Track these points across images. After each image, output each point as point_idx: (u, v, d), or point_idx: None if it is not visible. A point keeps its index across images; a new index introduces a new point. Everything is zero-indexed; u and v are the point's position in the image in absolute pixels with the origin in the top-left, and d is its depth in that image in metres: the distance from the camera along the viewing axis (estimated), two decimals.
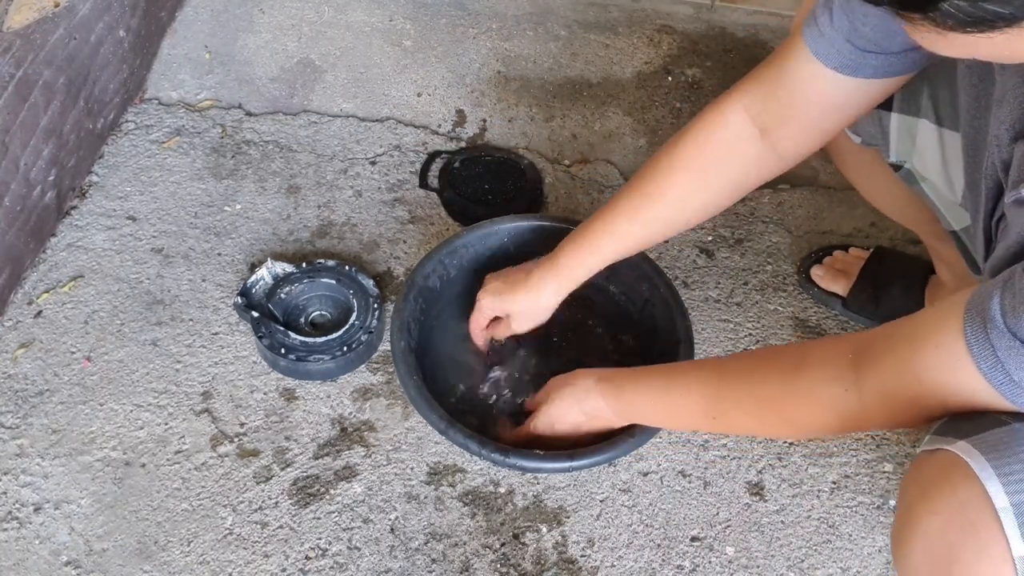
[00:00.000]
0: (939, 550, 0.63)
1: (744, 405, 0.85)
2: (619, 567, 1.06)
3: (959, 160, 0.89)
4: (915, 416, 0.72)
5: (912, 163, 0.97)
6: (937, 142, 0.91)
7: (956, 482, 0.63)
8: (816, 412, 0.78)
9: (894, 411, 0.73)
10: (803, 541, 1.09)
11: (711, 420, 0.89)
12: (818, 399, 0.78)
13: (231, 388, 1.17)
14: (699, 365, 0.94)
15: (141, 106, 1.47)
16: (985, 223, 0.79)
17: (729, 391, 0.87)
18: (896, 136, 0.96)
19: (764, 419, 0.85)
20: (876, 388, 0.73)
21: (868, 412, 0.74)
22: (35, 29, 1.17)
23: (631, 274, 1.18)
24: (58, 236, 1.30)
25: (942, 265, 1.20)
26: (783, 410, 0.82)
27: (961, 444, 0.64)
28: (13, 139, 1.15)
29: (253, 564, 1.03)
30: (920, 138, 0.93)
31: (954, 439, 0.66)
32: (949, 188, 0.93)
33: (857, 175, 1.14)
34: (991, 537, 0.61)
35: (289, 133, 1.46)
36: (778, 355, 0.87)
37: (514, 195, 1.38)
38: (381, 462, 1.12)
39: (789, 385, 0.80)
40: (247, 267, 1.29)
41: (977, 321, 0.63)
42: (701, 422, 0.93)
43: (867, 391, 0.74)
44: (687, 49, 1.61)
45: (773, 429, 0.92)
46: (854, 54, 0.80)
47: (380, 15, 1.61)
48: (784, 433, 0.90)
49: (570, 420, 1.01)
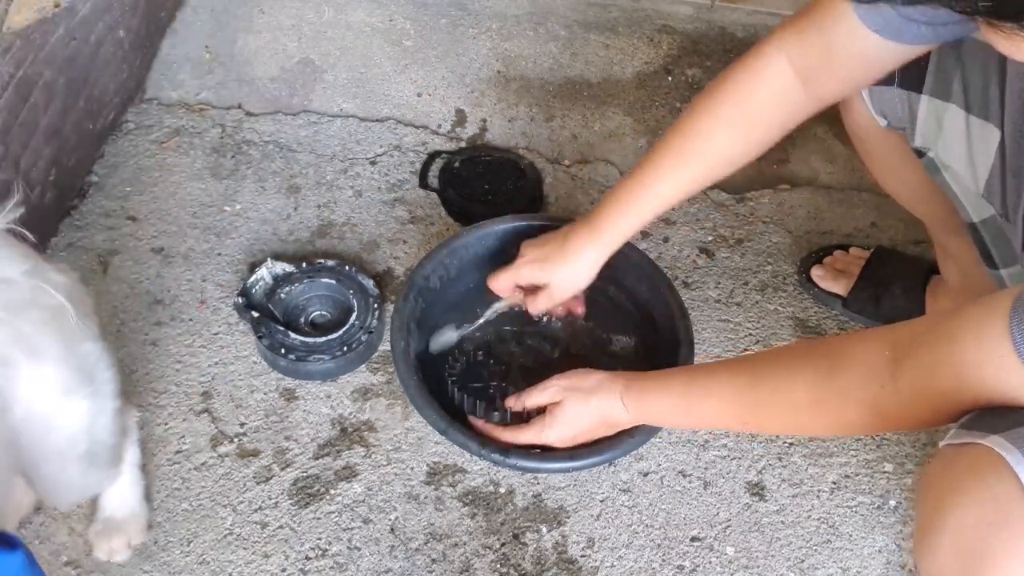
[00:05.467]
0: (969, 545, 0.62)
1: (779, 408, 0.84)
2: (619, 567, 1.06)
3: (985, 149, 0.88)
4: (952, 413, 0.70)
5: (936, 150, 0.96)
6: (964, 129, 0.91)
7: (988, 476, 0.62)
8: (856, 412, 0.77)
9: (932, 407, 0.71)
10: (803, 541, 1.09)
11: (742, 424, 0.88)
12: (856, 398, 0.76)
13: (231, 388, 1.17)
14: (726, 369, 0.92)
15: (141, 106, 1.47)
16: None
17: (762, 395, 0.85)
18: (924, 120, 0.95)
19: (801, 421, 0.84)
20: (915, 384, 0.72)
21: (906, 408, 0.73)
22: (35, 29, 1.17)
23: (631, 274, 1.18)
24: (58, 236, 1.30)
25: (948, 262, 1.19)
26: (821, 411, 0.80)
27: (994, 438, 0.63)
28: (13, 139, 1.15)
29: (253, 564, 1.03)
30: (947, 124, 0.92)
31: (985, 433, 0.64)
32: (972, 177, 0.92)
33: (878, 161, 1.12)
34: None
35: (289, 133, 1.46)
36: (810, 354, 0.84)
37: (514, 195, 1.38)
38: (381, 462, 1.12)
39: (825, 385, 0.79)
40: (247, 267, 1.29)
41: None
42: (730, 426, 0.92)
43: (905, 388, 0.72)
44: (687, 49, 1.61)
45: (810, 429, 0.91)
46: (899, 21, 0.81)
47: (380, 15, 1.60)
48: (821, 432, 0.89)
49: (589, 431, 1.00)
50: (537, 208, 1.40)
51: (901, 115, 0.98)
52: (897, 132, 1.01)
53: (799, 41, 0.90)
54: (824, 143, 1.49)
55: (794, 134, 1.49)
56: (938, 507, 0.65)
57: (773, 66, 0.92)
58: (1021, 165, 0.79)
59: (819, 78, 0.91)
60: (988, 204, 0.93)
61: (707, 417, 0.93)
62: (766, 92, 0.93)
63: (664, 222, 1.39)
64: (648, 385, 0.96)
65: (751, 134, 0.96)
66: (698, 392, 0.92)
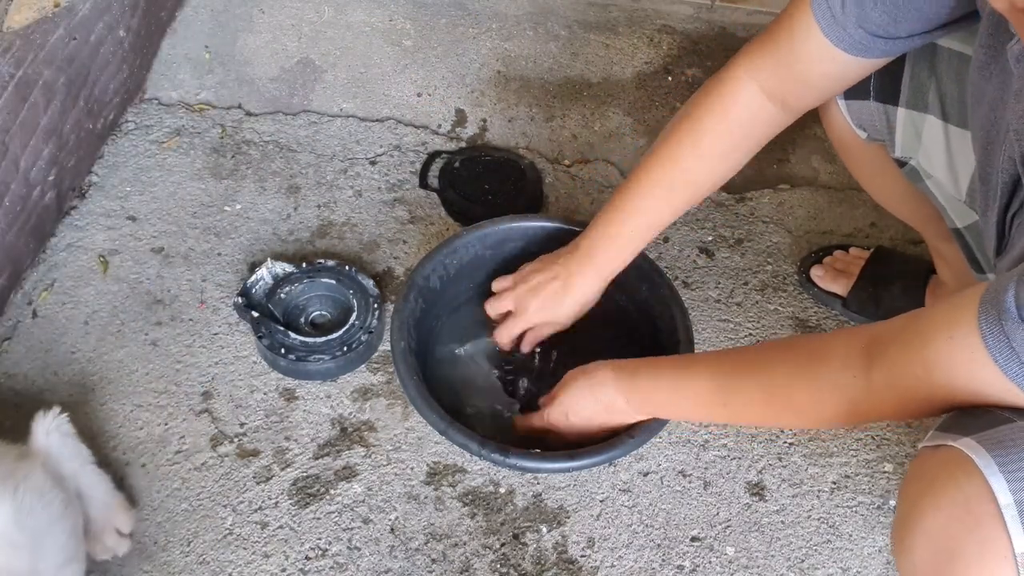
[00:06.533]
0: (941, 545, 0.63)
1: (755, 394, 0.86)
2: (619, 567, 1.06)
3: (965, 157, 0.89)
4: (924, 407, 0.72)
5: (917, 159, 0.97)
6: (943, 138, 0.92)
7: (959, 478, 0.63)
8: (826, 401, 0.78)
9: (903, 401, 0.73)
10: (803, 541, 1.09)
11: (723, 408, 0.89)
12: (828, 388, 0.78)
13: (231, 388, 1.17)
14: (713, 355, 0.95)
15: (141, 106, 1.47)
16: (999, 217, 0.79)
17: (740, 380, 0.87)
18: (902, 131, 0.96)
19: (775, 408, 0.85)
20: (886, 378, 0.73)
21: (878, 402, 0.74)
22: (35, 29, 1.17)
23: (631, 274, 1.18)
24: (58, 236, 1.30)
25: (943, 264, 1.20)
26: (793, 399, 0.82)
27: (965, 440, 0.64)
28: (13, 139, 1.15)
29: (253, 564, 1.03)
30: (926, 134, 0.94)
31: (958, 435, 0.66)
32: (954, 185, 0.93)
33: (862, 171, 1.14)
34: (993, 533, 0.61)
35: (289, 133, 1.46)
36: (791, 346, 0.87)
37: (514, 195, 1.38)
38: (381, 462, 1.12)
39: (800, 376, 0.81)
40: (247, 267, 1.29)
41: (992, 313, 0.63)
42: (714, 412, 0.93)
43: (877, 380, 0.74)
44: (687, 49, 1.61)
45: (784, 418, 0.92)
46: (865, 38, 0.83)
47: (380, 15, 1.60)
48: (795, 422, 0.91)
49: (585, 412, 1.01)
50: (537, 208, 1.40)
51: (880, 127, 0.99)
52: (878, 143, 1.02)
53: (767, 65, 0.92)
54: (824, 143, 1.49)
55: (794, 134, 1.50)
56: (913, 508, 0.67)
57: (745, 91, 0.94)
58: (988, 171, 0.80)
59: (792, 96, 0.93)
60: (971, 210, 0.94)
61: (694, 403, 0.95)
62: (743, 116, 0.95)
63: None
64: (642, 369, 0.98)
65: (732, 156, 0.99)
66: (683, 378, 0.94)
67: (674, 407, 0.97)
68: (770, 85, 0.93)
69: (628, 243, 1.05)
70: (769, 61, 0.92)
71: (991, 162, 0.79)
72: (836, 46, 0.85)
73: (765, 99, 0.94)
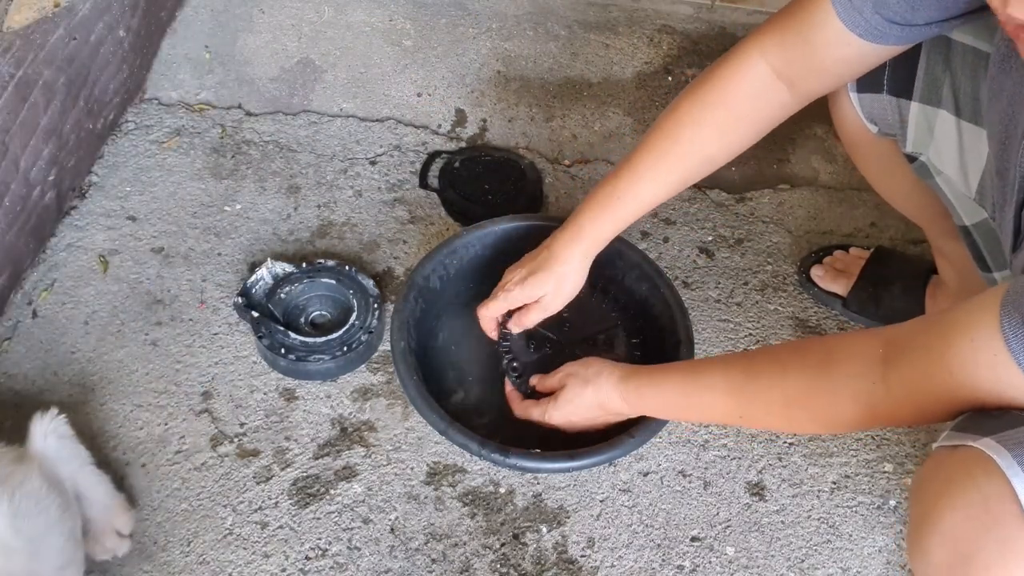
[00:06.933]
0: (960, 545, 0.63)
1: (772, 403, 0.85)
2: (619, 567, 1.06)
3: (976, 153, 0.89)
4: (944, 411, 0.71)
5: (928, 155, 0.96)
6: (956, 134, 0.91)
7: (978, 478, 0.63)
8: (845, 407, 0.78)
9: (923, 405, 0.72)
10: (803, 541, 1.09)
11: (736, 418, 0.89)
12: (847, 394, 0.77)
13: (231, 388, 1.17)
14: (722, 362, 0.94)
15: (141, 106, 1.47)
16: (1016, 213, 0.79)
17: (756, 389, 0.86)
18: (914, 125, 0.96)
19: (792, 415, 0.84)
20: (906, 382, 0.72)
21: (897, 406, 0.74)
22: (35, 29, 1.17)
23: (631, 274, 1.18)
24: (58, 236, 1.30)
25: (945, 264, 1.19)
26: (812, 406, 0.81)
27: (985, 441, 0.64)
28: (13, 139, 1.15)
29: (253, 564, 1.03)
30: (938, 129, 0.93)
31: (977, 436, 0.65)
32: (964, 181, 0.93)
33: (870, 167, 1.13)
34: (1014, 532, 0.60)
35: (289, 133, 1.46)
36: (805, 350, 0.86)
37: (514, 195, 1.38)
38: (381, 462, 1.12)
39: (817, 380, 0.80)
40: (247, 267, 1.29)
41: (1015, 316, 0.63)
42: (724, 420, 0.93)
43: (896, 385, 0.73)
44: (687, 49, 1.61)
45: (801, 425, 0.91)
46: (882, 24, 0.82)
47: (380, 15, 1.60)
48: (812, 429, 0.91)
49: (588, 416, 1.02)
50: (537, 208, 1.40)
51: (891, 121, 0.98)
52: (888, 138, 1.01)
53: (781, 46, 0.90)
54: (824, 143, 1.49)
55: (794, 134, 1.50)
56: (930, 509, 0.66)
57: (755, 69, 0.92)
58: (1005, 166, 0.79)
59: (802, 80, 0.92)
60: (980, 207, 0.93)
61: (701, 410, 0.94)
62: (749, 95, 0.94)
63: (664, 222, 1.39)
64: (646, 377, 0.98)
65: (734, 136, 0.97)
66: (694, 385, 0.93)
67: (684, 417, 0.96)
68: (780, 65, 0.91)
69: (615, 212, 1.01)
70: (782, 41, 0.90)
71: (1009, 157, 0.78)
72: (851, 31, 0.84)
73: (774, 78, 0.92)
